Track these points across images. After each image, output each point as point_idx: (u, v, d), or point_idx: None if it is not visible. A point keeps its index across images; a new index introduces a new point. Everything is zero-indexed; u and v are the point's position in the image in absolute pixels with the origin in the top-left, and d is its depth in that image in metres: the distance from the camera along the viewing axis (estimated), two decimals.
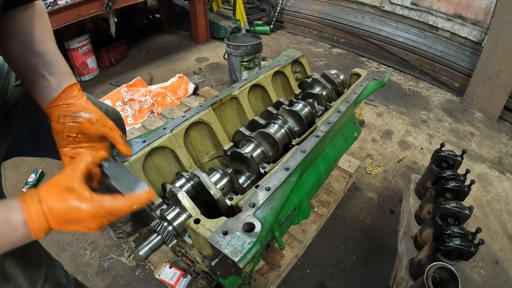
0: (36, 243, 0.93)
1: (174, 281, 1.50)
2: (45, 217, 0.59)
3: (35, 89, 0.78)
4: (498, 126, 3.05)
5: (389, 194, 2.27)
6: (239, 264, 0.74)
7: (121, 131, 1.09)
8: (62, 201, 0.61)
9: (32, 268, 0.86)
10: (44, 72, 0.77)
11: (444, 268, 1.25)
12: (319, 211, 1.89)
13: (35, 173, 2.31)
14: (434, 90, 3.62)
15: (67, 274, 1.05)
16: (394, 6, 4.15)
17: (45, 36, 0.81)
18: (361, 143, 2.73)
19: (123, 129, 1.34)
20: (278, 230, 0.99)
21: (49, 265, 0.95)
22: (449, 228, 1.32)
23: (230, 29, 4.44)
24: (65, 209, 0.61)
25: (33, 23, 0.79)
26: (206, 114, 1.36)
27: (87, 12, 2.96)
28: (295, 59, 1.86)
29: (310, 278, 1.75)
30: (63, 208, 0.61)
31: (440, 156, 1.77)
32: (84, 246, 1.88)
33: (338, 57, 4.34)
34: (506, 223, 2.08)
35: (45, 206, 0.59)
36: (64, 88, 0.78)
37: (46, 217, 0.60)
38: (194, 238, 0.89)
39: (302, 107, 1.50)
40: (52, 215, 0.60)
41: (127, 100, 3.01)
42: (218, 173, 1.17)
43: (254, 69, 3.24)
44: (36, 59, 0.78)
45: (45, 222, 0.60)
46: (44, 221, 0.59)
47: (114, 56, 3.96)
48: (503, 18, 2.86)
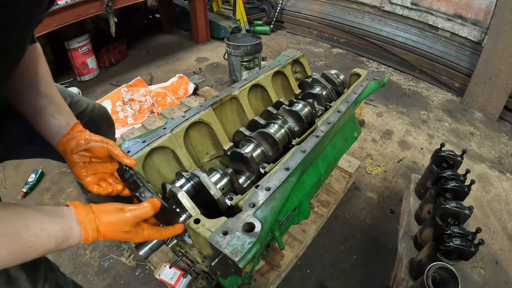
0: None
1: (174, 281, 1.50)
2: (96, 237, 0.73)
3: (44, 126, 0.88)
4: (498, 126, 3.05)
5: (389, 194, 2.27)
6: (239, 264, 0.74)
7: (110, 127, 1.24)
8: (117, 236, 0.76)
9: (33, 269, 0.87)
10: (54, 113, 0.88)
11: (444, 268, 1.25)
12: (319, 211, 1.89)
13: (35, 173, 2.31)
14: (434, 90, 3.62)
15: (64, 276, 1.05)
16: (394, 6, 4.15)
17: (48, 77, 0.91)
18: (361, 143, 2.73)
19: (111, 126, 1.35)
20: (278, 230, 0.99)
21: (47, 265, 0.96)
22: (449, 228, 1.32)
23: (230, 29, 4.44)
24: (119, 239, 0.77)
25: (38, 65, 0.88)
26: (206, 114, 1.36)
27: (87, 12, 2.96)
28: (295, 59, 1.86)
29: (310, 278, 1.75)
30: (118, 239, 0.76)
31: (440, 156, 1.77)
32: (84, 246, 1.88)
33: (338, 57, 4.34)
34: (506, 223, 2.08)
35: (100, 237, 0.73)
36: (72, 126, 0.90)
37: (98, 239, 0.73)
38: (194, 238, 0.89)
39: (302, 107, 1.50)
40: (105, 238, 0.74)
41: (127, 100, 3.01)
42: (218, 173, 1.17)
43: (254, 69, 3.24)
44: (44, 100, 0.88)
45: (94, 238, 0.72)
46: (95, 238, 0.72)
47: (114, 56, 3.96)
48: (503, 18, 2.86)
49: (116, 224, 0.74)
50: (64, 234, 0.67)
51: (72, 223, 0.68)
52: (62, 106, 0.91)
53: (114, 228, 0.74)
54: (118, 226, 0.74)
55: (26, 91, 0.86)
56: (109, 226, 0.73)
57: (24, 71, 0.85)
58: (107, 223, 0.73)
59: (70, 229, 0.68)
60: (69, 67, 3.53)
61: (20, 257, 0.61)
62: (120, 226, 0.74)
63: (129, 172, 0.85)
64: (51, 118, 0.87)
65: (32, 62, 0.87)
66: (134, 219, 0.77)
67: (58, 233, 0.66)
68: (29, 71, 0.87)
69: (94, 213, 0.72)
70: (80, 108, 1.17)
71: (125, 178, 0.85)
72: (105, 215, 0.73)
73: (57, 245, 0.66)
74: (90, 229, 0.70)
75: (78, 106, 1.15)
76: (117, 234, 0.75)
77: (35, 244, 0.62)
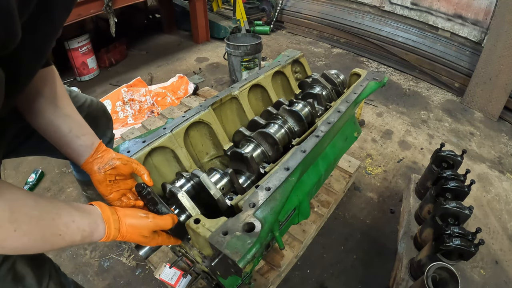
0: None
1: (174, 281, 1.50)
2: (116, 237, 0.79)
3: (69, 147, 0.91)
4: (498, 126, 3.05)
5: (389, 194, 2.27)
6: (239, 264, 0.74)
7: (108, 121, 1.30)
8: (134, 238, 0.83)
9: (39, 266, 0.89)
10: (78, 134, 0.92)
11: (444, 268, 1.25)
12: (319, 211, 1.89)
13: (35, 173, 2.31)
14: (434, 90, 3.62)
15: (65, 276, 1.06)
16: (394, 6, 4.15)
17: (68, 98, 0.95)
18: (361, 143, 2.73)
19: (109, 120, 1.37)
20: (278, 230, 0.99)
21: (51, 263, 0.97)
22: (449, 228, 1.32)
23: (230, 29, 4.44)
24: (135, 242, 0.84)
25: (57, 87, 0.91)
26: (206, 114, 1.36)
27: (87, 12, 2.95)
28: (295, 59, 1.86)
29: (310, 278, 1.75)
30: (134, 241, 0.83)
31: (440, 156, 1.77)
32: (84, 246, 1.88)
33: (338, 57, 4.34)
34: (506, 223, 2.08)
35: (120, 237, 0.79)
36: (97, 145, 0.94)
37: (117, 238, 0.80)
38: (194, 238, 0.89)
39: (302, 107, 1.50)
40: (122, 239, 0.81)
41: (127, 100, 3.01)
42: (218, 173, 1.17)
43: (254, 69, 3.24)
44: (69, 122, 0.91)
45: (115, 237, 0.79)
46: (115, 237, 0.79)
47: (114, 56, 3.96)
48: (503, 18, 2.86)
49: (138, 228, 0.81)
50: (90, 229, 0.72)
51: (98, 220, 0.75)
52: (84, 126, 0.95)
53: (135, 231, 0.81)
54: (139, 230, 0.81)
55: (48, 113, 0.88)
56: (131, 228, 0.80)
57: (46, 92, 0.88)
58: (130, 226, 0.80)
59: (96, 225, 0.73)
60: (69, 67, 3.53)
61: (49, 244, 0.65)
62: (140, 230, 0.82)
63: (147, 189, 0.91)
64: (76, 139, 0.91)
65: (53, 83, 0.90)
66: (155, 227, 0.84)
67: (85, 226, 0.71)
68: (51, 93, 0.89)
69: (118, 215, 0.79)
70: (78, 102, 1.18)
71: (143, 194, 0.92)
72: (129, 218, 0.81)
73: (82, 238, 0.71)
74: (113, 228, 0.76)
75: (76, 101, 1.16)
76: (135, 237, 0.81)
77: (64, 233, 0.66)
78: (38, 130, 0.90)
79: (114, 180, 0.94)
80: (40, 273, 0.88)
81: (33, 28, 0.62)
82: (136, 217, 0.82)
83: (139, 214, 0.84)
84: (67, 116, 0.91)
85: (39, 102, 0.87)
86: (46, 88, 0.88)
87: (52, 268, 0.96)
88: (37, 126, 0.90)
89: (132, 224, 0.80)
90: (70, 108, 0.94)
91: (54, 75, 0.91)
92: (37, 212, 0.62)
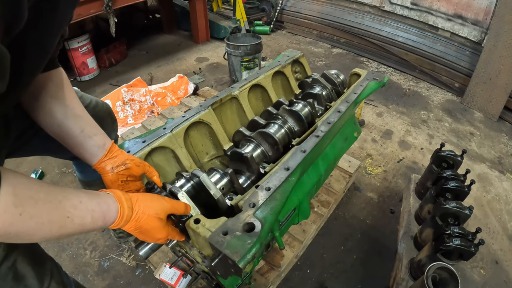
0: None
1: (174, 281, 1.50)
2: (130, 216, 0.77)
3: (81, 147, 0.91)
4: (498, 126, 3.05)
5: (389, 194, 2.27)
6: (239, 264, 0.74)
7: (112, 123, 1.31)
8: (149, 222, 0.80)
9: (40, 265, 0.88)
10: (90, 134, 0.92)
11: (444, 268, 1.25)
12: (319, 211, 1.89)
13: (35, 173, 2.31)
14: (434, 90, 3.62)
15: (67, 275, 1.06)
16: (394, 6, 4.15)
17: (76, 98, 0.95)
18: (361, 143, 2.73)
19: (113, 121, 1.36)
20: (278, 230, 0.99)
21: (52, 262, 0.96)
22: (449, 228, 1.32)
23: (230, 29, 4.44)
24: (149, 228, 0.81)
25: (68, 88, 0.92)
26: (206, 114, 1.36)
27: (87, 12, 2.95)
28: (295, 59, 1.86)
29: (310, 278, 1.75)
30: (147, 227, 0.80)
31: (440, 156, 1.77)
32: (84, 246, 1.88)
33: (338, 57, 4.34)
34: (506, 223, 2.08)
35: (135, 219, 0.78)
36: (109, 146, 0.95)
37: (129, 222, 0.77)
38: (194, 238, 0.89)
39: (302, 107, 1.50)
40: (136, 223, 0.79)
41: (127, 100, 3.01)
42: (218, 173, 1.17)
43: (254, 69, 3.24)
44: (80, 122, 0.92)
45: (128, 218, 0.76)
46: (129, 217, 0.76)
47: (114, 56, 3.96)
48: (503, 18, 2.86)
49: (154, 207, 0.80)
50: (101, 210, 0.70)
51: (109, 200, 0.73)
52: (95, 126, 0.95)
53: (151, 211, 0.79)
54: (155, 210, 0.80)
55: (59, 113, 0.88)
56: (147, 209, 0.78)
57: (55, 93, 0.88)
58: (145, 206, 0.79)
59: (107, 206, 0.72)
60: (69, 67, 3.53)
61: (57, 227, 0.62)
62: (157, 210, 0.80)
63: (157, 189, 0.95)
64: (88, 140, 0.91)
65: (61, 84, 0.91)
66: (171, 209, 0.84)
67: (95, 207, 0.69)
68: (61, 93, 0.90)
69: (130, 196, 0.78)
70: (83, 103, 1.17)
71: (154, 191, 0.95)
72: (143, 199, 0.80)
73: (93, 220, 0.68)
74: (126, 207, 0.75)
75: (82, 102, 1.16)
76: (151, 220, 0.79)
77: (72, 215, 0.64)
78: (48, 130, 0.90)
79: (125, 181, 0.95)
80: (41, 272, 0.87)
81: (36, 22, 0.62)
82: (151, 198, 0.82)
83: (155, 195, 0.84)
84: (78, 117, 0.92)
85: (49, 103, 0.87)
86: (55, 89, 0.88)
87: (54, 267, 0.95)
88: (48, 127, 0.90)
89: (148, 204, 0.79)
90: (80, 108, 0.94)
91: (62, 77, 0.92)
92: (43, 194, 0.61)
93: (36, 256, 0.89)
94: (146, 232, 0.81)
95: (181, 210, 0.87)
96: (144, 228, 0.80)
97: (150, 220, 0.79)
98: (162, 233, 0.84)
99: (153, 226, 0.80)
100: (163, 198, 0.85)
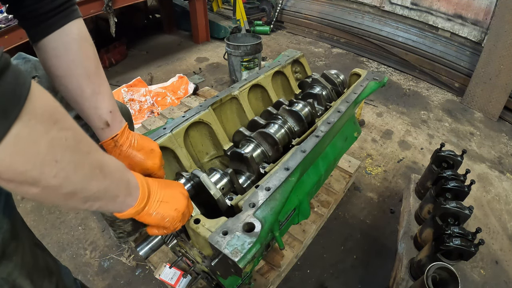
0: (46, 251, 0.92)
1: (174, 281, 1.50)
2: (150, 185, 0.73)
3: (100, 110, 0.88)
4: (498, 126, 3.05)
5: (389, 194, 2.27)
6: (239, 264, 0.74)
7: (131, 124, 1.25)
8: (174, 193, 0.80)
9: (42, 278, 0.84)
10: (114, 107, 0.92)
11: (444, 268, 1.25)
12: (319, 211, 1.89)
13: None
14: (434, 90, 3.62)
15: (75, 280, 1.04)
16: (394, 6, 4.15)
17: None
18: (361, 143, 2.73)
19: (130, 122, 1.34)
20: (278, 230, 0.99)
21: (58, 273, 0.93)
22: (449, 228, 1.32)
23: (230, 29, 4.44)
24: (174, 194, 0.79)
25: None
26: (206, 114, 1.36)
27: (87, 12, 2.96)
28: (295, 59, 1.86)
29: (310, 278, 1.75)
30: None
31: (440, 156, 1.77)
32: (84, 246, 1.88)
33: (338, 57, 4.34)
34: (506, 223, 2.08)
35: (152, 185, 0.74)
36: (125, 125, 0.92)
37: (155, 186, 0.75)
38: (194, 238, 0.89)
39: (302, 107, 1.50)
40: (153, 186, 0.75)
41: (127, 100, 3.01)
42: (218, 173, 1.17)
43: (254, 69, 3.24)
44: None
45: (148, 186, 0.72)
46: (145, 190, 0.71)
47: (114, 56, 3.96)
48: (503, 18, 2.86)
49: (175, 186, 0.81)
50: (120, 162, 0.64)
51: (127, 168, 0.68)
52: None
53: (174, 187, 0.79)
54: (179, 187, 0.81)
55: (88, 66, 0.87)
56: (167, 184, 0.78)
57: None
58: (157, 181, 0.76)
59: (125, 166, 0.66)
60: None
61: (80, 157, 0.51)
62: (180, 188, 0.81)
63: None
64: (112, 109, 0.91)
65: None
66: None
67: (119, 165, 0.63)
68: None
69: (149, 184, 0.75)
70: None
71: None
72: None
73: (120, 174, 0.62)
74: (140, 175, 0.71)
75: None
76: (176, 192, 0.79)
77: (102, 158, 0.57)
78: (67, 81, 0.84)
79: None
80: (43, 286, 0.83)
81: None
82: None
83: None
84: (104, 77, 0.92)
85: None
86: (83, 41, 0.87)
87: (60, 280, 0.91)
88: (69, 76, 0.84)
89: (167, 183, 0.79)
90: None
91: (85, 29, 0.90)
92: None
93: (38, 269, 0.83)
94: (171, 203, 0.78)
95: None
96: (170, 200, 0.77)
97: (175, 192, 0.80)
98: (182, 205, 0.80)
99: (178, 198, 0.79)
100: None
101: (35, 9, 0.76)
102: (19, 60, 0.94)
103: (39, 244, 0.90)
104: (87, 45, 0.86)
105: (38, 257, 0.86)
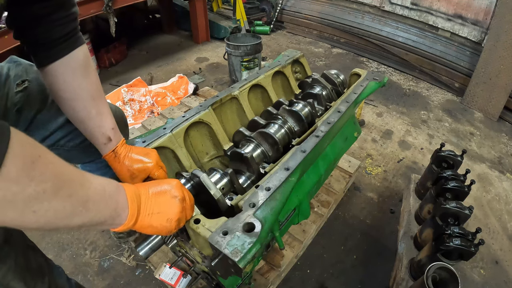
0: (38, 251, 0.93)
1: (174, 281, 1.50)
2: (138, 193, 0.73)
3: (101, 127, 0.93)
4: (498, 126, 3.05)
5: (389, 194, 2.27)
6: (239, 264, 0.74)
7: (125, 127, 1.31)
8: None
9: (35, 279, 0.85)
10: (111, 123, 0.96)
11: (444, 268, 1.25)
12: (319, 211, 1.89)
13: None
14: (434, 90, 3.62)
15: (69, 279, 1.05)
16: (394, 6, 4.15)
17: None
18: (361, 143, 2.73)
19: (125, 126, 1.35)
20: (278, 230, 0.99)
21: (51, 274, 0.93)
22: (449, 228, 1.32)
23: (230, 29, 4.44)
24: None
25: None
26: (206, 114, 1.36)
27: (87, 12, 2.95)
28: (295, 59, 1.86)
29: (310, 278, 1.75)
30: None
31: (440, 156, 1.77)
32: (84, 246, 1.88)
33: (338, 57, 4.34)
34: (506, 223, 2.08)
35: (142, 191, 0.75)
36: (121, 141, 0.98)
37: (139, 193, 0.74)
38: (194, 238, 0.89)
39: (302, 107, 1.50)
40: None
41: (127, 100, 3.01)
42: (218, 173, 1.17)
43: (254, 69, 3.24)
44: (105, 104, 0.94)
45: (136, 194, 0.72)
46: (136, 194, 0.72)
47: (114, 56, 3.96)
48: (503, 18, 2.85)
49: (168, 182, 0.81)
50: (110, 184, 0.65)
51: (118, 185, 0.68)
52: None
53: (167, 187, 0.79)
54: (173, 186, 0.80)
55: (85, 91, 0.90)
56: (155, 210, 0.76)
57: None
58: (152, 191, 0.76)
59: (116, 185, 0.67)
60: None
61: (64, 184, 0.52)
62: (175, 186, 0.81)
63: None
64: (111, 125, 0.95)
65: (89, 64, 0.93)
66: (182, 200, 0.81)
67: (107, 191, 0.63)
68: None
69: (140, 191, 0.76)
70: None
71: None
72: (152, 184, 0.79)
73: (105, 200, 0.61)
74: (131, 187, 0.71)
75: None
76: (167, 198, 0.78)
77: (82, 181, 0.57)
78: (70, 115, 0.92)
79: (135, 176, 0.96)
80: (36, 286, 0.84)
81: None
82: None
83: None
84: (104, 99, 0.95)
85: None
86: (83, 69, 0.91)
87: (53, 279, 0.92)
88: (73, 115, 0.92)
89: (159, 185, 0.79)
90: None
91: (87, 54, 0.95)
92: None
93: (30, 269, 0.84)
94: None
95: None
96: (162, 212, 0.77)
97: (167, 198, 0.79)
98: (178, 205, 0.80)
99: (171, 203, 0.79)
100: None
101: (48, 36, 0.81)
102: (10, 64, 0.96)
103: (31, 245, 0.91)
104: (91, 69, 0.93)
105: (30, 259, 0.87)
